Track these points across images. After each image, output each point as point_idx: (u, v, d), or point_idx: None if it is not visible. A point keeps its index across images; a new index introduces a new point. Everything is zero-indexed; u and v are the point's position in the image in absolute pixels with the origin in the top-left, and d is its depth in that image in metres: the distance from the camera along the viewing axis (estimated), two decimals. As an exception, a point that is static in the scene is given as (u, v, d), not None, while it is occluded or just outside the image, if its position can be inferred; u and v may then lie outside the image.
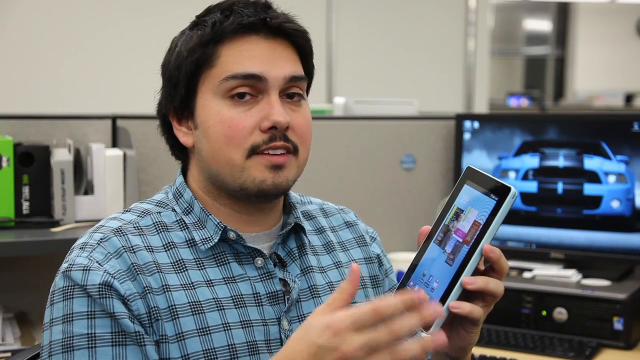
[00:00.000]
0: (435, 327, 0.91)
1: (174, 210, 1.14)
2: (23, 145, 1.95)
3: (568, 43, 9.49)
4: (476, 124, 2.35)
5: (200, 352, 1.04)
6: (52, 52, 3.36)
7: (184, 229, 1.12)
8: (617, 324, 1.96)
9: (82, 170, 2.04)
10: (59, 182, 1.92)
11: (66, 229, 1.90)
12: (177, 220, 1.13)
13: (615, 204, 2.13)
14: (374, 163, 2.45)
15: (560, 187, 2.21)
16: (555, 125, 2.25)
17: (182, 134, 1.15)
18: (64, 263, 1.07)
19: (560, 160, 2.21)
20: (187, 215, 1.13)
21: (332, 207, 1.31)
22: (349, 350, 0.82)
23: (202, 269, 1.09)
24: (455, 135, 2.40)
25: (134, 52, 3.45)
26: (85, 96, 3.38)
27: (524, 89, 9.45)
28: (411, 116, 2.60)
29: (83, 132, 2.09)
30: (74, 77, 3.40)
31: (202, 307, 1.06)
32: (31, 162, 1.94)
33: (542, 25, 9.71)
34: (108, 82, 3.46)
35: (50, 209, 1.95)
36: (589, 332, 1.99)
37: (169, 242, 1.10)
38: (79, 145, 2.07)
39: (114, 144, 2.13)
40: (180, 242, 1.11)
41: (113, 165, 1.98)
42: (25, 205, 1.93)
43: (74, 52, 3.40)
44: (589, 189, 2.17)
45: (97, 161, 1.98)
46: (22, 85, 3.32)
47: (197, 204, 1.13)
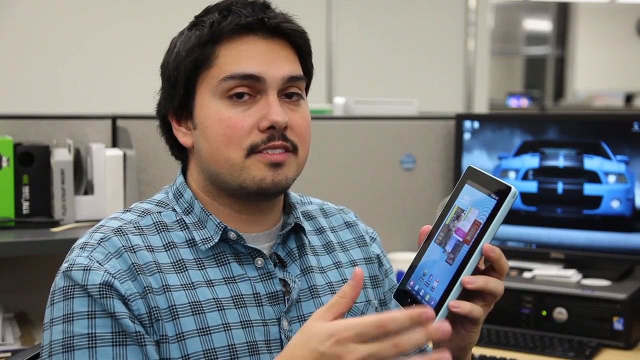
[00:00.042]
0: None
1: (174, 210, 1.14)
2: (23, 145, 1.95)
3: (568, 43, 9.49)
4: (476, 124, 2.35)
5: (201, 352, 1.04)
6: (52, 52, 3.36)
7: (184, 229, 1.12)
8: (617, 324, 1.96)
9: (82, 170, 2.03)
10: (59, 182, 1.92)
11: (66, 229, 1.90)
12: (177, 220, 1.13)
13: (615, 204, 2.13)
14: (374, 163, 2.45)
15: (560, 187, 2.21)
16: (555, 125, 2.24)
17: (182, 134, 1.15)
18: (65, 263, 1.07)
19: (560, 160, 2.21)
20: (187, 215, 1.13)
21: (332, 208, 1.31)
22: None
23: (202, 269, 1.09)
24: (455, 135, 2.40)
25: (134, 52, 3.45)
26: (85, 96, 3.38)
27: (524, 89, 9.45)
28: (411, 116, 2.60)
29: (83, 132, 2.09)
30: (74, 77, 3.40)
31: (202, 307, 1.06)
32: (31, 162, 1.94)
33: (542, 25, 9.71)
34: (108, 82, 3.46)
35: (50, 209, 1.95)
36: (589, 332, 1.99)
37: (169, 242, 1.10)
38: (79, 145, 2.07)
39: (114, 144, 2.13)
40: (181, 242, 1.11)
41: (113, 165, 1.98)
42: (25, 205, 1.93)
43: (74, 52, 3.40)
44: (589, 189, 2.17)
45: (97, 161, 1.98)
46: (22, 85, 3.32)
47: (198, 204, 1.13)
